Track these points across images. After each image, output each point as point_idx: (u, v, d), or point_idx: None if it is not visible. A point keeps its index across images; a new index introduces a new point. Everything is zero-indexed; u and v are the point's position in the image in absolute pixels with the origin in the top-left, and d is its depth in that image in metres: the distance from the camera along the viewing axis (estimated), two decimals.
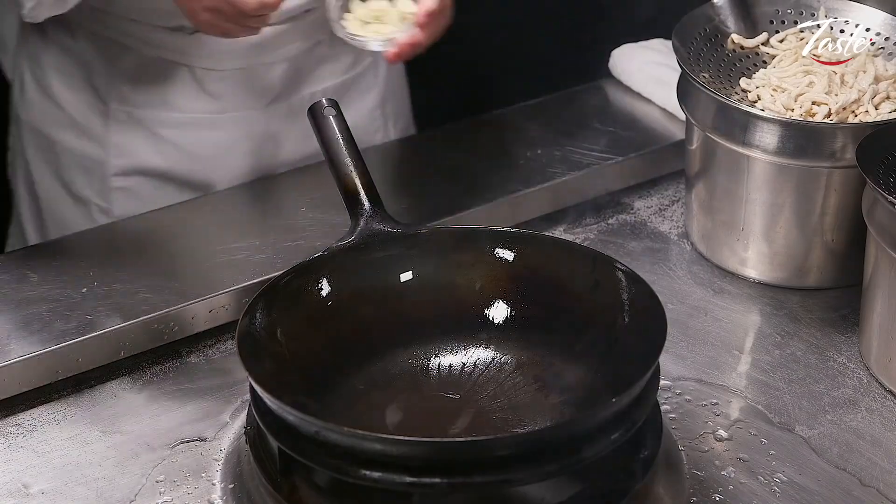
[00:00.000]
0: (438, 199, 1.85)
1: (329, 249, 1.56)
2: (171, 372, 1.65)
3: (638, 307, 1.49)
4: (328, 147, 1.64)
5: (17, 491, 1.48)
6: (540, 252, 1.58)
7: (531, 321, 1.56)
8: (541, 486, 1.38)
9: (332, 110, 1.65)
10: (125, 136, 1.92)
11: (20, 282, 1.70)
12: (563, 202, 1.91)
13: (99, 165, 1.93)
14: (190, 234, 1.84)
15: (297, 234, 1.80)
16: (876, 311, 1.63)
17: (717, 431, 1.56)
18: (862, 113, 1.72)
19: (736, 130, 1.72)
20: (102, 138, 1.92)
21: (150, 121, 1.91)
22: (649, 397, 1.41)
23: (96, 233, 1.87)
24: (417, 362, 1.55)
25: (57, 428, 1.57)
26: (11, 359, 1.58)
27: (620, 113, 2.07)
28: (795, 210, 1.74)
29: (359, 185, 1.61)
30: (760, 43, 1.84)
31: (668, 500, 1.46)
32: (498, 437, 1.45)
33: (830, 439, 1.56)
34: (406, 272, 1.58)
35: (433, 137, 2.07)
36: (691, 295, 1.77)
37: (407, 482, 1.33)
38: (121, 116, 1.91)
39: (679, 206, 1.93)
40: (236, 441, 1.52)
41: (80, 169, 1.95)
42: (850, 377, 1.65)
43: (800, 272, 1.77)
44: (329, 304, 1.54)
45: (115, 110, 1.91)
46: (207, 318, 1.68)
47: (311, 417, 1.35)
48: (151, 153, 1.93)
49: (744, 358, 1.68)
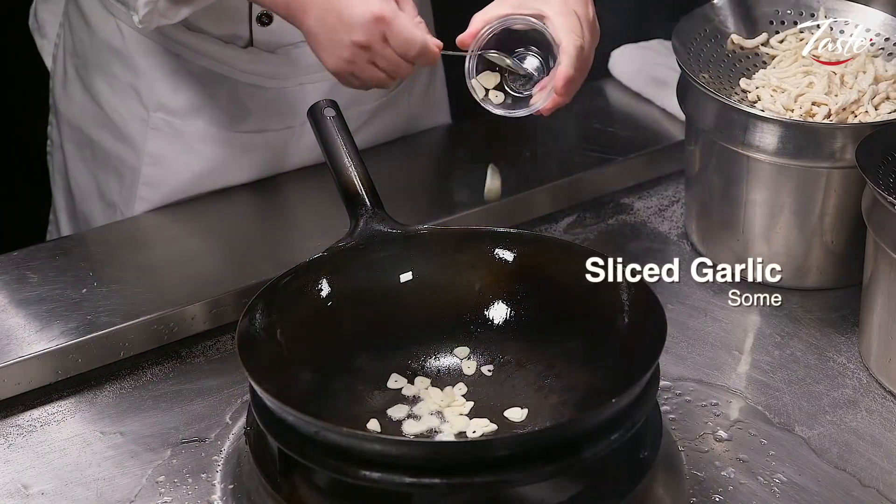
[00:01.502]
0: (438, 199, 1.85)
1: (329, 250, 1.56)
2: (171, 372, 1.65)
3: (638, 307, 1.49)
4: (328, 147, 1.64)
5: (16, 491, 1.48)
6: (540, 252, 1.58)
7: (531, 321, 1.56)
8: (540, 486, 1.38)
9: (331, 111, 1.65)
10: (160, 145, 1.88)
11: (20, 282, 1.70)
12: (563, 202, 1.91)
13: (131, 172, 1.90)
14: (190, 234, 1.84)
15: (297, 234, 1.80)
16: (876, 311, 1.63)
17: (716, 432, 1.56)
18: (862, 113, 1.72)
19: (736, 131, 1.72)
20: (139, 145, 1.89)
21: (188, 133, 1.88)
22: (649, 397, 1.41)
23: (96, 233, 1.87)
24: (417, 363, 1.55)
25: (57, 428, 1.57)
26: (11, 359, 1.58)
27: (620, 113, 2.07)
28: (795, 210, 1.74)
29: (359, 186, 1.61)
30: (760, 43, 1.84)
31: (668, 501, 1.46)
32: (498, 437, 1.45)
33: (830, 440, 1.56)
34: (406, 272, 1.58)
35: (434, 137, 2.07)
36: (691, 295, 1.77)
37: (406, 483, 1.33)
38: (160, 125, 1.87)
39: (679, 206, 1.93)
40: (236, 441, 1.52)
41: (113, 172, 1.92)
42: (850, 377, 1.65)
43: (799, 272, 1.77)
44: (329, 304, 1.54)
45: (155, 118, 1.88)
46: (207, 318, 1.68)
47: (310, 418, 1.35)
48: (181, 166, 1.90)
49: (743, 358, 1.68)
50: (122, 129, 1.89)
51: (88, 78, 1.91)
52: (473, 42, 1.59)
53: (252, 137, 1.88)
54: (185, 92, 1.86)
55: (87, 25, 1.89)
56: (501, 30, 1.59)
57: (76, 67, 1.93)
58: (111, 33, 1.87)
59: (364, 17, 1.55)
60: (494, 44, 1.60)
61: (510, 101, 1.62)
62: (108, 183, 1.94)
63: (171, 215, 1.85)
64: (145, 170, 1.89)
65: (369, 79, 1.60)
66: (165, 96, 1.86)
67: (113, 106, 1.90)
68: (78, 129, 1.95)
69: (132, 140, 1.89)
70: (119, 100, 1.89)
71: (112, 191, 1.93)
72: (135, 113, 1.88)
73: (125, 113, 1.88)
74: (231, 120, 1.87)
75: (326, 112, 1.65)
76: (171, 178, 1.89)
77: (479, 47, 1.59)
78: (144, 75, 1.86)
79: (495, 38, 1.60)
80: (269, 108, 1.88)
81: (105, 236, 1.84)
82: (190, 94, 1.86)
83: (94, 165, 1.94)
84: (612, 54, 2.14)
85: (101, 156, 1.93)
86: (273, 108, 1.88)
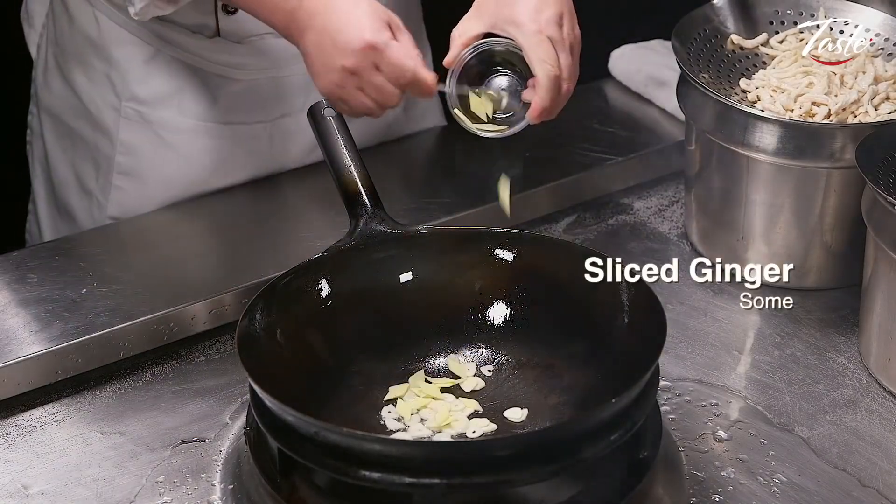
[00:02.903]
0: (438, 199, 1.85)
1: (329, 250, 1.56)
2: (171, 372, 1.65)
3: (638, 307, 1.49)
4: (328, 148, 1.64)
5: (16, 492, 1.48)
6: (540, 252, 1.58)
7: (531, 321, 1.56)
8: (540, 486, 1.38)
9: (331, 111, 1.65)
10: (133, 134, 1.91)
11: (20, 282, 1.70)
12: (563, 202, 1.91)
13: (107, 161, 1.93)
14: (190, 234, 1.84)
15: (297, 234, 1.80)
16: (875, 311, 1.63)
17: (716, 432, 1.56)
18: (861, 113, 1.72)
19: (735, 131, 1.73)
20: (113, 134, 1.92)
21: (158, 123, 1.90)
22: (649, 397, 1.41)
23: (96, 233, 1.87)
24: (417, 363, 1.55)
25: (57, 428, 1.57)
26: (11, 359, 1.58)
27: (620, 113, 2.07)
28: (795, 211, 1.74)
29: (359, 186, 1.61)
30: (760, 44, 1.84)
31: (668, 501, 1.46)
32: (497, 437, 1.45)
33: (830, 440, 1.56)
34: (406, 273, 1.58)
35: (433, 137, 2.07)
36: (691, 295, 1.77)
37: (406, 483, 1.33)
38: (131, 115, 1.90)
39: (679, 206, 1.93)
40: (236, 442, 1.52)
41: (91, 161, 1.94)
42: (850, 378, 1.65)
43: (799, 273, 1.77)
44: (329, 304, 1.54)
45: (127, 108, 1.90)
46: (207, 318, 1.68)
47: (310, 418, 1.35)
48: (154, 156, 1.92)
49: (743, 358, 1.68)
50: (97, 118, 1.92)
51: (67, 67, 1.94)
52: (454, 63, 1.62)
53: (222, 129, 1.90)
54: (157, 82, 1.88)
55: (67, 14, 1.91)
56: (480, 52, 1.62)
57: (56, 56, 1.95)
58: (88, 23, 1.89)
59: (356, 43, 1.57)
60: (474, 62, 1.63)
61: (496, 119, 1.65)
62: (85, 171, 1.95)
63: (171, 215, 1.85)
64: (119, 159, 1.91)
65: (357, 105, 1.62)
66: (137, 86, 1.88)
67: (89, 95, 1.92)
68: (57, 117, 1.97)
69: (107, 129, 1.91)
70: (95, 89, 1.91)
71: (89, 179, 1.95)
72: (109, 102, 1.90)
73: (100, 102, 1.91)
74: (201, 111, 1.89)
75: (326, 112, 1.65)
76: (145, 168, 1.91)
77: (460, 67, 1.62)
78: (118, 65, 1.88)
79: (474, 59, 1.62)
80: (239, 100, 1.89)
81: (105, 236, 1.84)
82: (161, 84, 1.88)
83: (73, 154, 1.96)
84: (612, 54, 2.14)
85: (79, 144, 1.95)
86: (243, 100, 1.90)
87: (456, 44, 1.62)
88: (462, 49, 1.62)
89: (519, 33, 1.59)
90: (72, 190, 1.98)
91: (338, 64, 1.59)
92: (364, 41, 1.58)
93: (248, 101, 1.89)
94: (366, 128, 1.93)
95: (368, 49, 1.57)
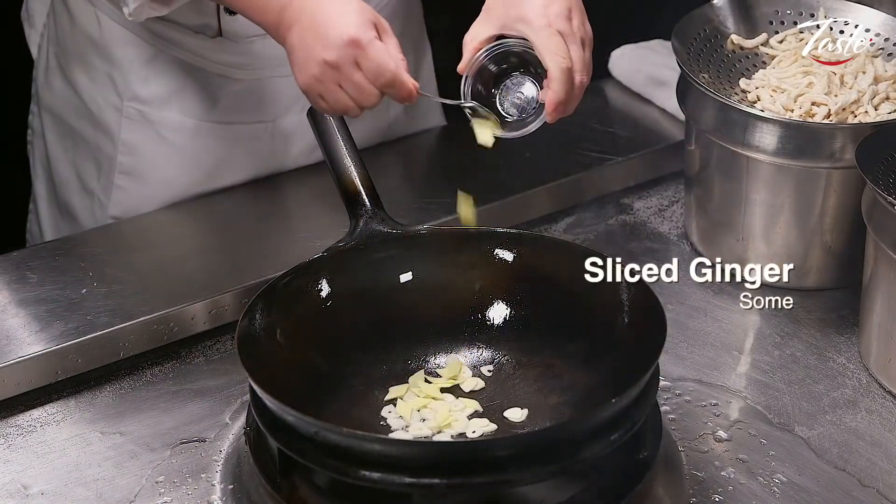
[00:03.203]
0: (438, 199, 1.85)
1: (329, 250, 1.56)
2: (171, 372, 1.65)
3: (638, 307, 1.49)
4: (328, 148, 1.64)
5: (16, 492, 1.48)
6: (540, 252, 1.58)
7: (531, 321, 1.56)
8: (540, 486, 1.38)
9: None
10: (135, 134, 1.91)
11: (20, 282, 1.70)
12: (563, 202, 1.91)
13: (108, 161, 1.93)
14: (190, 234, 1.84)
15: (297, 234, 1.80)
16: (875, 311, 1.63)
17: (716, 432, 1.56)
18: (861, 113, 1.72)
19: (735, 131, 1.73)
20: (114, 134, 1.92)
21: (159, 123, 1.90)
22: (649, 398, 1.42)
23: (96, 233, 1.87)
24: (417, 363, 1.55)
25: (57, 428, 1.57)
26: (11, 359, 1.58)
27: (620, 113, 2.07)
28: (795, 211, 1.74)
29: (359, 186, 1.61)
30: (760, 44, 1.84)
31: (668, 501, 1.46)
32: (497, 437, 1.45)
33: (830, 440, 1.56)
34: (406, 273, 1.58)
35: (433, 137, 2.07)
36: (691, 296, 1.77)
37: (406, 483, 1.33)
38: (133, 114, 1.90)
39: (679, 206, 1.93)
40: (236, 442, 1.52)
41: (92, 161, 1.94)
42: (850, 378, 1.65)
43: (799, 273, 1.77)
44: (329, 304, 1.54)
45: (129, 107, 1.90)
46: (207, 318, 1.68)
47: (310, 418, 1.35)
48: (155, 156, 1.92)
49: (743, 358, 1.68)
50: (98, 117, 1.92)
51: (68, 67, 1.94)
52: (468, 67, 1.61)
53: (223, 129, 1.89)
54: (158, 82, 1.88)
55: (68, 14, 1.91)
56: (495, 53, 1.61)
57: (57, 56, 1.95)
58: (89, 23, 1.89)
59: (340, 37, 1.56)
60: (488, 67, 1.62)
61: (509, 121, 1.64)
62: (87, 171, 1.95)
63: (172, 215, 1.85)
64: (121, 158, 1.91)
65: (335, 102, 1.59)
66: (139, 86, 1.88)
67: (91, 95, 1.92)
68: (59, 117, 1.97)
69: (108, 129, 1.91)
70: (96, 89, 1.91)
71: (91, 179, 1.95)
72: (110, 102, 1.90)
73: (102, 102, 1.91)
74: (203, 111, 1.89)
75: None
76: (147, 167, 1.91)
77: (474, 71, 1.61)
78: (120, 65, 1.88)
79: (489, 61, 1.61)
80: (239, 100, 1.89)
81: (105, 236, 1.84)
82: (163, 84, 1.88)
83: (74, 154, 1.96)
84: (612, 54, 2.14)
85: (80, 144, 1.95)
86: (243, 100, 1.90)
87: (468, 48, 1.61)
88: (474, 53, 1.61)
89: (529, 30, 1.59)
90: (73, 190, 1.98)
91: (319, 57, 1.57)
92: (348, 35, 1.56)
93: (249, 101, 1.89)
94: (366, 128, 1.93)
95: (351, 44, 1.56)
